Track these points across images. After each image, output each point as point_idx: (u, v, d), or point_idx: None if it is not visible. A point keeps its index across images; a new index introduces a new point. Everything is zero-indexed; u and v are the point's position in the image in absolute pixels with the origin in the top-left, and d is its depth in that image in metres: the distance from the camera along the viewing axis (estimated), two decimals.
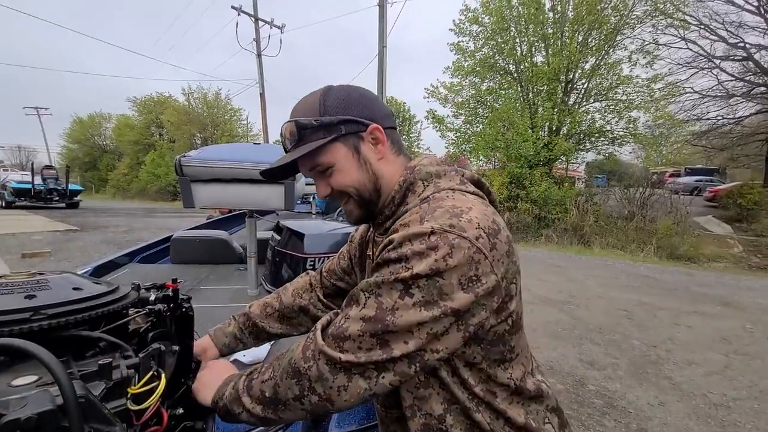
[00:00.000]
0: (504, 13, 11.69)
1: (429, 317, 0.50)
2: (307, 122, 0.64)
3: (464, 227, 0.53)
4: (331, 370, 0.52)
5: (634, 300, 4.83)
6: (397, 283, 0.52)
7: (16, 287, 0.46)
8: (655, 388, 2.69)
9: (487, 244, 0.54)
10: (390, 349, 0.50)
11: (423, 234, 0.53)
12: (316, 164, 0.66)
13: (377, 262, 0.58)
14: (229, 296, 1.76)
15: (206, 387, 0.66)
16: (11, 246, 6.66)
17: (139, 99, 31.52)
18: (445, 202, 0.60)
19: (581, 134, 12.10)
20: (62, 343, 0.46)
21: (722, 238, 9.67)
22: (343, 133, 0.65)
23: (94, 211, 15.37)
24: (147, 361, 0.48)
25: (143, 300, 0.65)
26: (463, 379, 0.59)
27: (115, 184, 32.92)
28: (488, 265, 0.53)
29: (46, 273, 0.55)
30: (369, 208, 0.69)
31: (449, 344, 0.52)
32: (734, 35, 11.39)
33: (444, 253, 0.51)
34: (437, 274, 0.50)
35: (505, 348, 0.61)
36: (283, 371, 0.57)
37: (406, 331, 0.50)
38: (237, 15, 13.25)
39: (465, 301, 0.50)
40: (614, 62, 11.41)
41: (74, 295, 0.47)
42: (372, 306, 0.53)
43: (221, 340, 0.85)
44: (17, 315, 0.42)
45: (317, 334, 0.56)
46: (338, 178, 0.66)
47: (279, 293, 0.95)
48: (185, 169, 1.42)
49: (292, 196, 1.50)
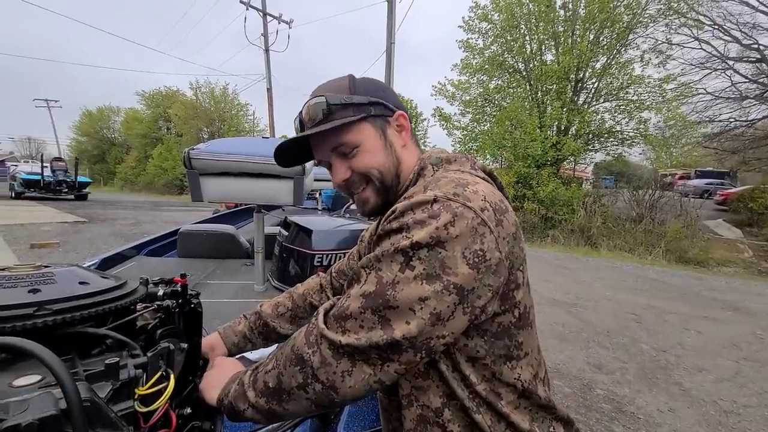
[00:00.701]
0: (514, 10, 11.55)
1: (431, 292, 0.47)
2: (338, 99, 0.61)
3: (469, 197, 0.51)
4: (334, 355, 0.49)
5: (642, 303, 4.77)
6: (397, 254, 0.49)
7: (20, 280, 0.43)
8: (665, 394, 2.64)
9: (493, 218, 0.51)
10: (391, 329, 0.47)
11: (425, 202, 0.50)
12: (341, 143, 0.63)
13: (378, 233, 0.55)
14: (235, 291, 1.74)
15: (213, 386, 0.64)
16: (20, 236, 6.73)
17: (147, 93, 31.72)
18: (452, 174, 0.58)
19: (590, 134, 11.94)
20: (67, 340, 0.44)
21: (732, 243, 9.51)
22: (372, 114, 0.63)
23: (102, 203, 15.51)
24: (155, 360, 0.45)
25: (151, 295, 0.63)
26: (464, 375, 0.56)
27: (123, 177, 33.21)
28: (493, 241, 0.49)
29: (52, 266, 0.52)
30: (387, 196, 0.66)
31: (455, 328, 0.49)
32: (748, 36, 11.15)
33: (445, 221, 0.48)
34: (438, 244, 0.47)
35: (512, 343, 0.57)
36: (287, 359, 0.54)
37: (407, 307, 0.47)
38: (245, 10, 13.23)
39: (468, 277, 0.47)
40: (626, 61, 11.24)
41: (80, 290, 0.45)
42: (372, 281, 0.50)
43: (231, 339, 0.83)
44: (20, 310, 0.39)
45: (319, 317, 0.54)
46: (363, 158, 0.63)
47: (291, 293, 0.93)
48: (194, 162, 1.40)
49: (301, 192, 1.48)
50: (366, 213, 0.69)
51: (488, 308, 0.52)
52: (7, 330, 0.39)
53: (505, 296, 0.54)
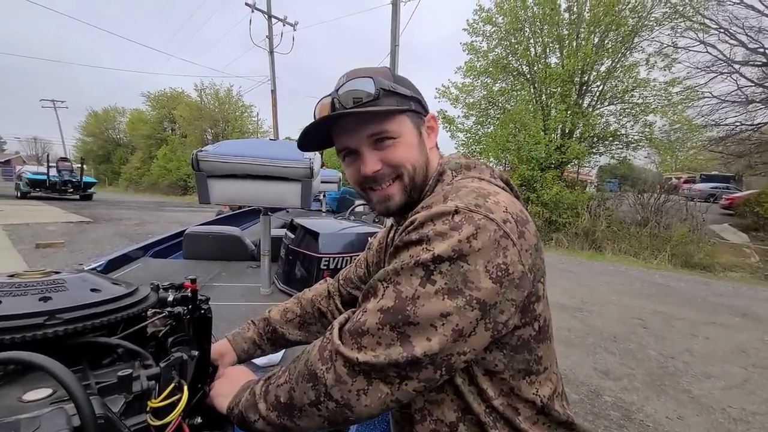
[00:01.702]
0: (518, 13, 11.53)
1: (453, 308, 0.45)
2: (387, 84, 0.59)
3: (491, 208, 0.49)
4: (350, 373, 0.47)
5: (649, 308, 4.71)
6: (418, 268, 0.47)
7: (30, 288, 0.42)
8: (674, 401, 2.60)
9: (515, 230, 0.49)
10: (411, 346, 0.45)
11: (446, 213, 0.49)
12: (383, 130, 0.59)
13: (396, 245, 0.53)
14: (241, 294, 1.73)
15: (223, 394, 0.63)
16: (25, 236, 6.76)
17: (152, 94, 31.94)
18: (471, 184, 0.56)
19: (595, 137, 11.88)
20: (77, 350, 0.42)
21: (738, 247, 9.42)
22: (412, 108, 0.62)
23: (107, 203, 15.58)
24: (168, 371, 0.44)
25: (162, 301, 0.62)
26: (481, 389, 0.54)
27: (128, 178, 33.41)
28: (516, 253, 0.48)
29: (63, 271, 0.51)
30: (412, 194, 0.64)
31: (476, 345, 0.47)
32: (754, 40, 11.07)
33: (468, 234, 0.46)
34: (461, 257, 0.45)
35: (531, 357, 0.55)
36: (299, 374, 0.52)
37: (428, 324, 0.45)
38: (251, 12, 13.30)
39: (492, 292, 0.45)
40: (631, 65, 11.18)
41: (92, 298, 0.44)
42: (390, 296, 0.48)
43: (240, 346, 0.82)
44: (31, 320, 0.38)
45: (334, 332, 0.52)
46: (400, 151, 0.61)
47: (299, 298, 0.92)
48: (202, 164, 1.39)
49: (308, 195, 1.46)
50: (387, 211, 0.65)
51: (510, 322, 0.50)
52: (17, 341, 0.37)
53: (526, 309, 0.53)
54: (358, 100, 0.58)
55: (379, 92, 0.57)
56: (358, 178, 0.64)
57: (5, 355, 0.32)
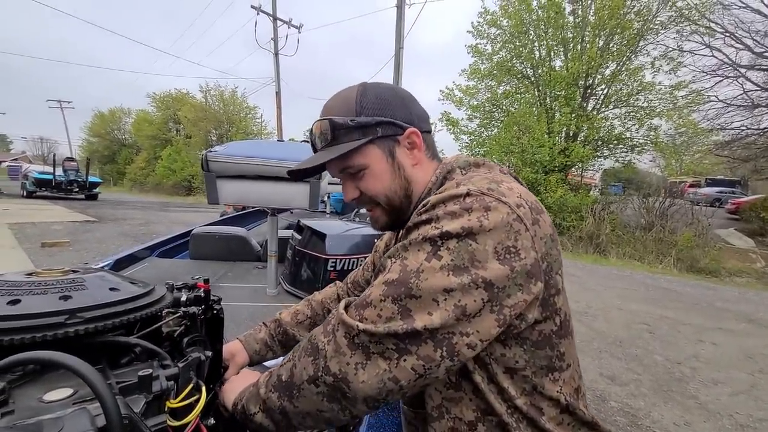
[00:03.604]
0: (523, 16, 11.53)
1: (457, 284, 0.43)
2: (342, 122, 0.59)
3: (504, 192, 0.49)
4: (349, 344, 0.46)
5: (655, 313, 4.67)
6: (425, 243, 0.47)
7: (50, 287, 0.42)
8: (680, 407, 2.57)
9: (529, 216, 0.48)
10: (411, 319, 0.44)
11: (458, 195, 0.49)
12: (347, 166, 0.62)
13: (408, 226, 0.53)
14: (248, 295, 1.73)
15: (232, 390, 0.62)
16: (31, 235, 6.81)
17: (158, 95, 32.14)
18: (485, 174, 0.56)
19: (599, 141, 11.84)
20: (97, 349, 0.42)
21: (744, 252, 9.33)
22: (379, 136, 0.61)
23: (112, 203, 15.68)
24: (186, 371, 0.44)
25: (176, 301, 0.62)
26: (501, 387, 0.52)
27: (133, 178, 33.61)
28: (528, 239, 0.46)
29: (81, 270, 0.51)
30: (397, 215, 0.65)
31: (481, 328, 0.45)
32: (760, 44, 11.00)
33: (479, 215, 0.45)
34: (469, 235, 0.45)
35: (554, 353, 0.54)
36: (303, 350, 0.52)
37: (430, 298, 0.44)
38: (256, 14, 13.39)
39: (499, 274, 0.44)
40: (636, 68, 11.14)
41: (111, 297, 0.44)
42: (396, 269, 0.47)
43: (252, 347, 0.82)
44: (52, 318, 0.38)
45: (340, 305, 0.52)
46: (369, 182, 0.62)
47: (309, 301, 0.92)
48: (211, 164, 1.39)
49: (316, 196, 1.47)
50: (378, 229, 0.69)
51: (527, 315, 0.49)
52: (38, 340, 0.37)
53: (546, 302, 0.51)
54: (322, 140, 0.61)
55: (335, 134, 0.60)
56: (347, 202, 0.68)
57: (30, 356, 0.31)
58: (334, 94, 0.65)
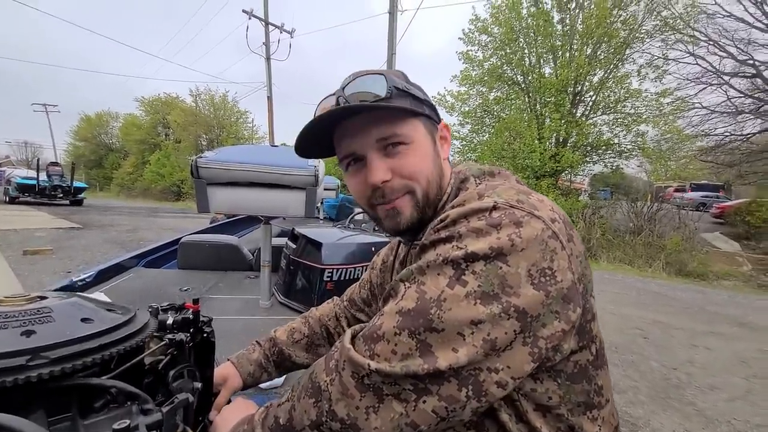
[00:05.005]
0: (513, 24, 11.71)
1: (486, 315, 0.37)
2: (400, 84, 0.51)
3: (535, 205, 0.43)
4: (358, 385, 0.39)
5: (648, 318, 4.69)
6: (446, 266, 0.40)
7: (11, 319, 0.36)
8: (679, 415, 2.56)
9: (564, 232, 0.42)
10: (433, 358, 0.37)
11: (483, 209, 0.42)
12: (392, 134, 0.51)
13: (422, 244, 0.45)
14: (239, 307, 1.65)
15: (224, 427, 0.55)
16: (13, 242, 6.57)
17: (146, 99, 31.72)
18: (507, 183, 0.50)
19: (588, 146, 12.02)
20: (65, 393, 0.36)
21: (731, 256, 9.52)
22: (426, 114, 0.54)
23: (98, 208, 15.30)
24: (172, 416, 0.38)
25: (161, 324, 0.56)
26: (533, 427, 0.45)
27: (120, 183, 32.99)
28: (565, 258, 0.40)
29: (50, 295, 0.45)
30: (425, 210, 0.55)
31: (512, 363, 0.38)
32: (743, 52, 11.34)
33: (509, 232, 0.39)
34: (499, 256, 0.38)
35: (591, 387, 0.47)
36: (303, 389, 0.45)
37: (455, 332, 0.37)
38: (248, 19, 13.32)
39: (533, 301, 0.38)
40: (623, 75, 11.37)
41: (83, 330, 0.38)
42: (412, 297, 0.40)
43: (246, 369, 0.75)
44: (11, 360, 0.32)
45: (345, 337, 0.44)
46: (410, 160, 0.52)
47: (306, 317, 0.85)
48: (202, 171, 1.32)
49: (313, 203, 1.40)
50: (396, 227, 0.56)
51: (563, 345, 0.43)
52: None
53: (582, 329, 0.45)
54: (366, 101, 0.50)
55: (391, 91, 0.50)
56: (364, 191, 0.55)
57: None
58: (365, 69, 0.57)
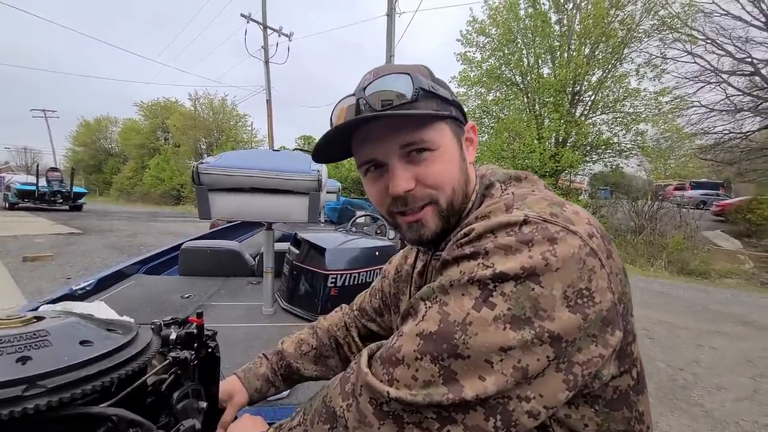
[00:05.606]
0: (511, 25, 11.73)
1: (517, 341, 0.34)
2: (427, 83, 0.47)
3: (571, 218, 0.39)
4: (377, 412, 0.37)
5: (652, 318, 4.67)
6: (472, 287, 0.36)
7: (6, 344, 0.34)
8: (687, 416, 2.53)
9: (603, 249, 0.38)
10: (459, 387, 0.34)
11: (512, 223, 0.38)
12: (418, 139, 0.47)
13: (444, 260, 0.42)
14: (242, 314, 1.63)
15: None
16: (12, 249, 6.54)
17: (145, 103, 31.74)
18: (537, 193, 0.45)
19: (588, 146, 12.02)
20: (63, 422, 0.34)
21: (732, 254, 9.50)
22: (453, 116, 0.50)
23: (97, 214, 15.28)
24: None
25: (164, 339, 0.53)
26: None
27: (119, 188, 33.00)
28: (604, 278, 0.37)
29: (47, 315, 0.42)
30: (449, 220, 0.51)
31: (545, 392, 0.35)
32: (741, 50, 11.35)
33: (543, 249, 0.36)
34: (531, 277, 0.35)
35: (632, 414, 0.44)
36: (315, 413, 0.42)
37: (482, 359, 0.34)
38: (246, 23, 13.34)
39: (570, 325, 0.35)
40: (621, 75, 11.39)
41: (82, 355, 0.35)
42: (434, 318, 0.37)
43: (253, 384, 0.72)
44: (7, 391, 0.30)
45: (362, 360, 0.41)
46: (436, 168, 0.48)
47: (314, 328, 0.82)
48: (203, 177, 1.30)
49: (316, 208, 1.38)
50: (419, 239, 0.52)
51: (603, 371, 0.39)
52: None
53: (623, 353, 0.42)
54: (389, 103, 0.46)
55: (417, 93, 0.46)
56: (384, 199, 0.51)
57: None
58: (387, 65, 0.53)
